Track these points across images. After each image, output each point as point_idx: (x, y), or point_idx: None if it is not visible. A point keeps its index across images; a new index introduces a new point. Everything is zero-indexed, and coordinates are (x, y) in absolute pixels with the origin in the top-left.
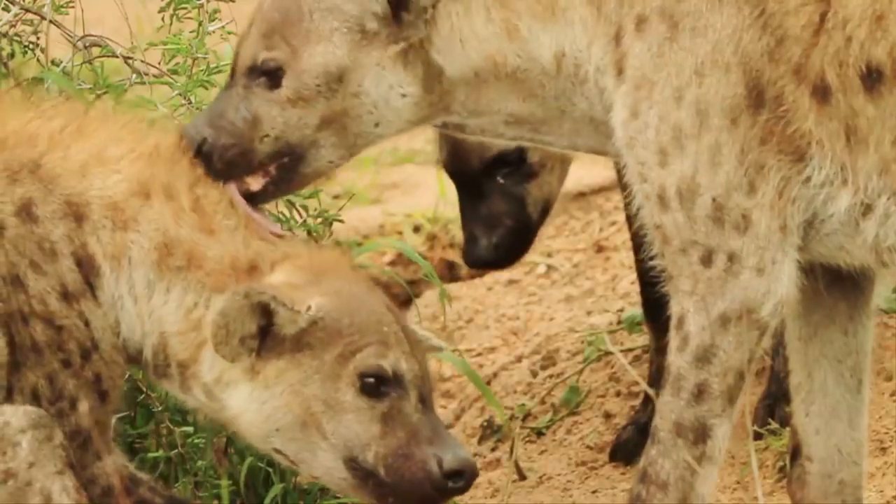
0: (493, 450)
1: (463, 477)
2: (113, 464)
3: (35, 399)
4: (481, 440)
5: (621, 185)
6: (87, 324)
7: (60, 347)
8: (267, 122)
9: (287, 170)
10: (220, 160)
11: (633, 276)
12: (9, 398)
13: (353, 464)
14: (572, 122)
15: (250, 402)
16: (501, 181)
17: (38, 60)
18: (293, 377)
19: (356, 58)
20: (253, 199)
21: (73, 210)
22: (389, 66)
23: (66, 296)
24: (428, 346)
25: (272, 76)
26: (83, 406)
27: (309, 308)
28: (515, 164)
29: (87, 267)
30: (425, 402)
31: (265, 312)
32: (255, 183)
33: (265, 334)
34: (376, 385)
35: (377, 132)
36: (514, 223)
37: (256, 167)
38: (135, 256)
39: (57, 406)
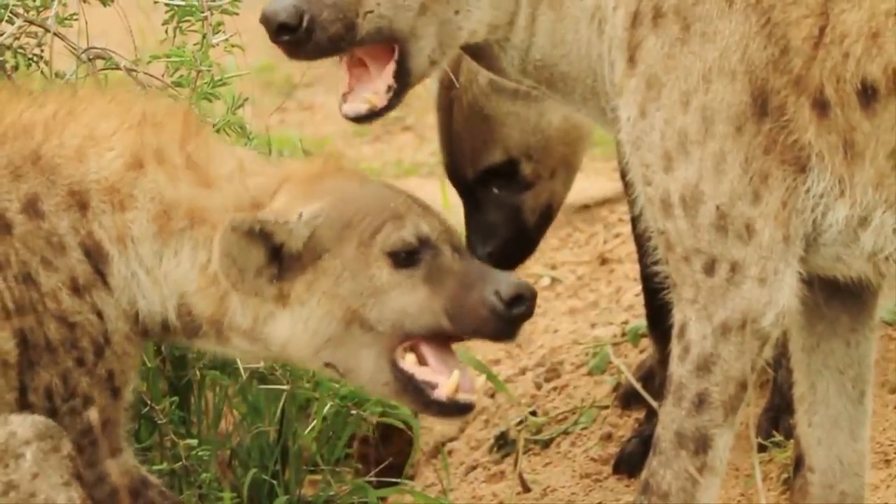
0: (497, 462)
1: (524, 300)
2: (123, 463)
3: (48, 397)
4: (490, 452)
5: (629, 198)
6: (99, 315)
7: (74, 345)
8: None
9: (400, 70)
10: (323, 35)
11: (638, 288)
12: (22, 397)
13: (397, 369)
14: (583, 88)
15: (294, 326)
16: (496, 192)
17: (42, 73)
18: (324, 284)
19: None
20: (379, 114)
21: (77, 199)
22: None
23: (78, 289)
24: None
25: None
26: (95, 404)
27: (300, 215)
28: (507, 175)
29: (95, 256)
30: (460, 251)
31: (264, 237)
32: (380, 99)
33: (279, 258)
34: (407, 257)
35: (457, 21)
36: (509, 233)
37: (357, 44)
38: (136, 234)
39: (70, 404)
